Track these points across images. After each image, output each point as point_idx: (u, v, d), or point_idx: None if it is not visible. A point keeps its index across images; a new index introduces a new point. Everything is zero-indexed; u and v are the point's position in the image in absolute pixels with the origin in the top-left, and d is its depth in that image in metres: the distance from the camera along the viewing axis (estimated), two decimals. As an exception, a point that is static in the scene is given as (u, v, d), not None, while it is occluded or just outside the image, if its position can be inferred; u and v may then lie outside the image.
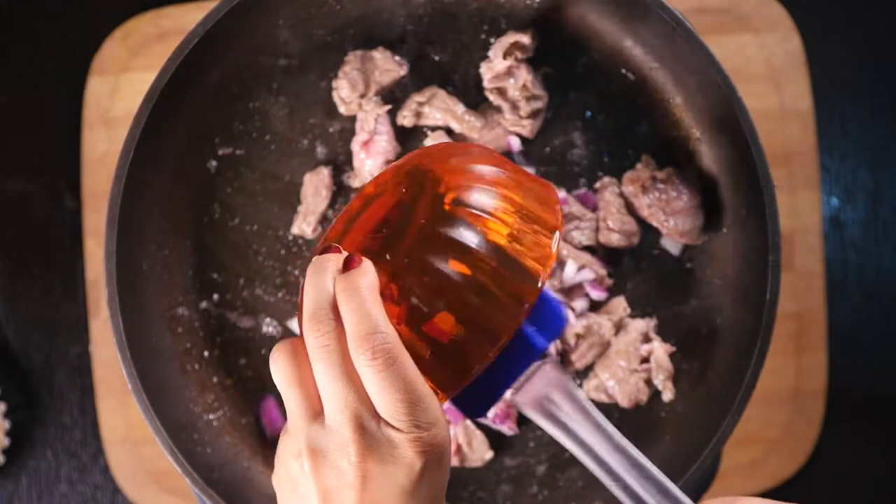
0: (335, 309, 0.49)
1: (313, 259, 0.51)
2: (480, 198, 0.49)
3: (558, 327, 0.53)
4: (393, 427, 0.47)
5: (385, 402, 0.47)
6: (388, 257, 0.49)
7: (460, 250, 0.48)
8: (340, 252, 0.51)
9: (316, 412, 0.48)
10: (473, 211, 0.48)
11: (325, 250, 0.51)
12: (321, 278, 0.49)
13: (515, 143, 0.76)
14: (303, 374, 0.49)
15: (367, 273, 0.49)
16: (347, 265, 0.50)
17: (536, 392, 0.53)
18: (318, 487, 0.48)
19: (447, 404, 0.54)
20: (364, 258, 0.49)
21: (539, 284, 0.48)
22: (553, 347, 0.75)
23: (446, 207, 0.48)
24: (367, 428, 0.47)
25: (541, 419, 0.53)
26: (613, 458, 0.51)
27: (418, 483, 0.47)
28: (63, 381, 0.85)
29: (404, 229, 0.49)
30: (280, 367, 0.50)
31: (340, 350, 0.48)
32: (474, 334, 0.48)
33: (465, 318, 0.48)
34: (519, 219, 0.48)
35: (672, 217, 0.74)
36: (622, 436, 0.51)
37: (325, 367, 0.48)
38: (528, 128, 0.75)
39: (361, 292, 0.48)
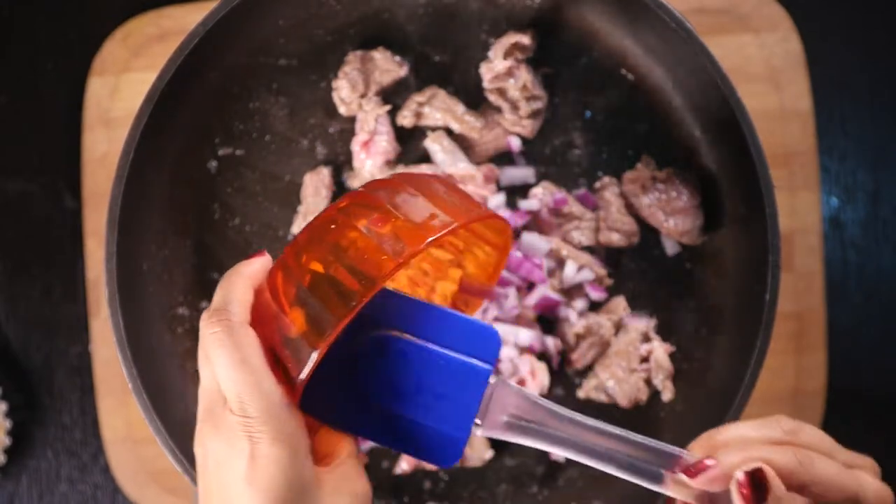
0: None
1: None
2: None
3: (494, 349, 0.53)
4: (230, 410, 0.47)
5: (221, 379, 0.48)
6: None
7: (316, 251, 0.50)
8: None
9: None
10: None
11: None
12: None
13: (515, 143, 0.76)
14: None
15: (253, 263, 0.52)
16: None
17: (497, 415, 0.52)
18: (201, 474, 0.49)
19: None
20: (264, 252, 0.52)
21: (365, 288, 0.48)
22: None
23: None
24: (215, 410, 0.48)
25: (513, 436, 0.52)
26: (590, 438, 0.51)
27: (252, 471, 0.46)
28: (63, 381, 0.85)
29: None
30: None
31: (203, 335, 0.49)
32: (311, 333, 0.48)
33: (305, 314, 0.49)
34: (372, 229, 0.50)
35: (672, 217, 0.74)
36: (584, 416, 0.51)
37: (199, 353, 0.50)
38: (528, 128, 0.75)
39: (232, 276, 0.51)
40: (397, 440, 0.54)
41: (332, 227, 0.51)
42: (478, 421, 0.53)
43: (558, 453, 0.53)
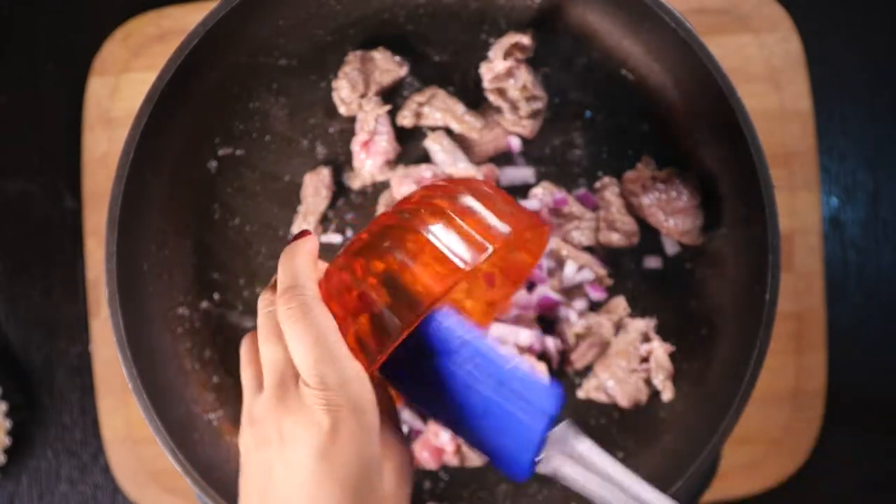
0: (272, 286, 0.52)
1: None
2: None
3: (552, 396, 0.55)
4: (305, 384, 0.47)
5: (297, 352, 0.48)
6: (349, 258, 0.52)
7: (383, 252, 0.51)
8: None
9: (261, 385, 0.50)
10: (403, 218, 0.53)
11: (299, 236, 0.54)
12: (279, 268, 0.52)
13: (515, 144, 0.76)
14: (255, 354, 0.51)
15: (309, 241, 0.52)
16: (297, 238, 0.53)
17: (557, 459, 0.53)
18: (254, 457, 0.48)
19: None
20: (311, 232, 0.53)
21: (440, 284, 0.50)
22: (554, 350, 0.75)
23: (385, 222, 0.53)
24: (287, 386, 0.48)
25: (569, 481, 0.53)
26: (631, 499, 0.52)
27: (330, 445, 0.47)
28: (63, 381, 0.85)
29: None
30: (241, 352, 0.52)
31: (273, 317, 0.50)
32: (397, 306, 0.50)
33: (389, 293, 0.50)
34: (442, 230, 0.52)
35: (672, 217, 0.74)
36: (634, 477, 0.52)
37: (263, 330, 0.50)
38: (528, 128, 0.75)
39: (294, 255, 0.51)
40: (470, 434, 0.55)
41: (406, 217, 0.52)
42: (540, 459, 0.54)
43: (596, 496, 0.54)
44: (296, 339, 0.48)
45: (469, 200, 0.54)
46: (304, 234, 0.53)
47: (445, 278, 0.49)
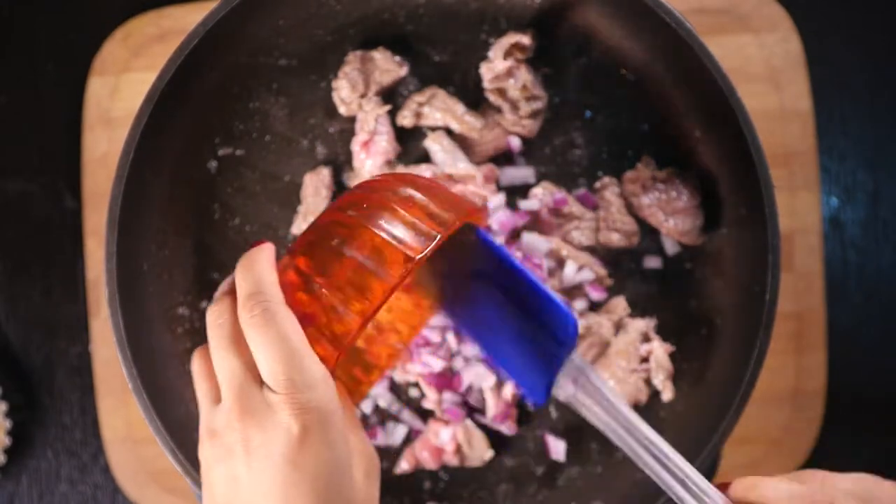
0: (228, 291, 0.51)
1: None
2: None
3: (571, 325, 0.58)
4: (271, 389, 0.47)
5: (264, 360, 0.47)
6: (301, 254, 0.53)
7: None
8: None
9: (218, 397, 0.49)
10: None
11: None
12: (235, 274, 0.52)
13: (515, 143, 0.76)
14: (208, 367, 0.51)
15: (265, 249, 0.52)
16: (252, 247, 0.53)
17: (570, 384, 0.57)
18: (218, 470, 0.48)
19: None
20: (266, 241, 0.53)
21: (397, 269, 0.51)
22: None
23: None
24: (249, 393, 0.47)
25: (579, 407, 0.58)
26: (630, 432, 0.55)
27: (300, 450, 0.46)
28: (63, 381, 0.85)
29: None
30: (193, 368, 0.51)
31: (229, 322, 0.49)
32: (352, 299, 0.50)
33: (343, 290, 0.50)
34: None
35: (672, 217, 0.74)
36: (637, 416, 0.56)
37: (216, 342, 0.49)
38: (528, 128, 0.75)
39: (254, 261, 0.51)
40: (496, 351, 0.59)
41: (351, 214, 0.52)
42: (556, 385, 0.58)
43: (598, 426, 0.58)
44: (263, 344, 0.47)
45: (410, 191, 0.54)
46: (259, 242, 0.53)
47: (397, 267, 0.49)
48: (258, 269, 0.50)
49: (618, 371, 0.74)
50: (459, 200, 0.56)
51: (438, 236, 0.51)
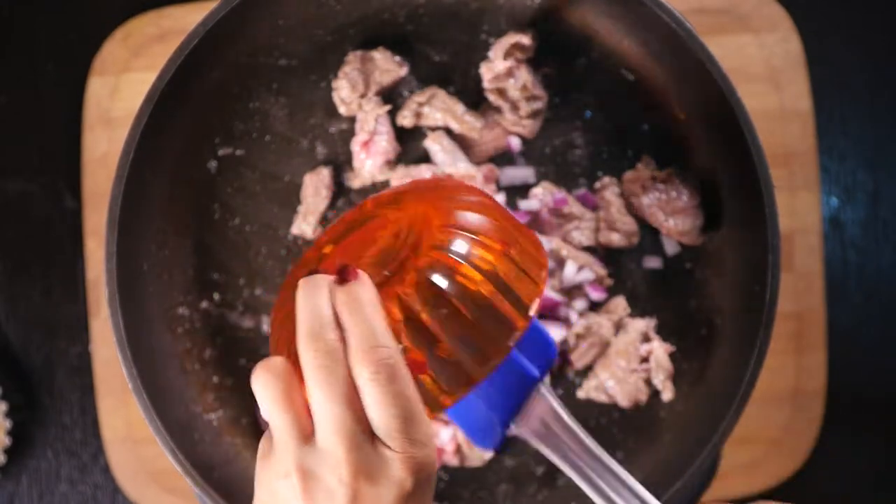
0: (333, 328, 0.48)
1: (302, 280, 0.49)
2: (463, 245, 0.51)
3: (549, 358, 0.56)
4: (387, 446, 0.46)
5: (383, 418, 0.46)
6: (381, 282, 0.50)
7: (447, 292, 0.49)
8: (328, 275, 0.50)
9: (306, 434, 0.47)
10: (456, 259, 0.50)
11: (313, 272, 0.50)
12: (316, 296, 0.48)
13: (515, 144, 0.76)
14: (292, 394, 0.48)
15: (368, 285, 0.49)
16: (344, 277, 0.49)
17: (534, 419, 0.55)
18: None
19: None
20: (361, 270, 0.49)
21: (524, 320, 0.50)
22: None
23: (438, 255, 0.50)
24: (362, 447, 0.46)
25: (540, 445, 0.55)
26: (599, 475, 0.54)
27: (411, 495, 0.46)
28: (63, 381, 0.85)
29: (398, 262, 0.50)
30: (266, 388, 0.48)
31: (339, 370, 0.47)
32: (465, 357, 0.49)
33: (457, 344, 0.49)
34: (504, 262, 0.51)
35: (672, 217, 0.74)
36: (606, 454, 0.55)
37: (323, 388, 0.47)
38: (528, 128, 0.75)
39: (364, 304, 0.48)
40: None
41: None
42: (515, 422, 0.56)
43: (565, 470, 0.56)
44: (381, 402, 0.46)
45: (519, 237, 0.53)
46: (350, 272, 0.50)
47: (506, 335, 0.49)
48: (372, 317, 0.48)
49: (618, 371, 0.74)
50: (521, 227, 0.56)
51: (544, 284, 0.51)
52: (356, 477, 0.46)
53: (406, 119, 0.75)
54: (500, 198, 0.75)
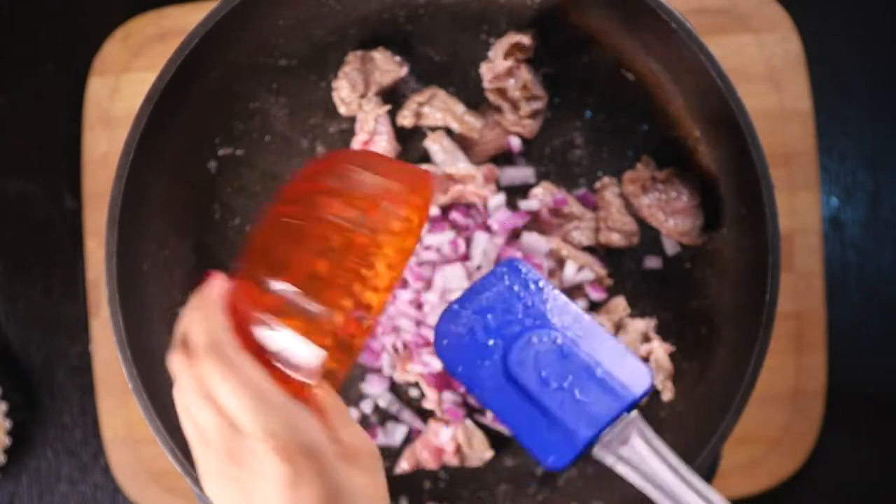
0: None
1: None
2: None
3: (644, 385, 0.58)
4: (252, 438, 0.46)
5: (236, 411, 0.46)
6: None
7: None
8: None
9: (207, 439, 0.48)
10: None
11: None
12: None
13: (515, 143, 0.76)
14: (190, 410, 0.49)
15: (215, 286, 0.50)
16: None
17: (616, 445, 0.57)
18: (231, 489, 0.47)
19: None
20: (215, 272, 0.50)
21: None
22: None
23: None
24: (236, 449, 0.46)
25: (627, 470, 0.56)
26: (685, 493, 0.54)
27: (295, 489, 0.45)
28: (63, 381, 0.85)
29: None
30: (178, 410, 0.49)
31: (194, 376, 0.47)
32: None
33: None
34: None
35: (672, 217, 0.74)
36: (705, 483, 0.55)
37: (185, 397, 0.47)
38: (528, 128, 0.75)
39: (202, 308, 0.49)
40: (515, 420, 0.57)
41: (299, 223, 0.50)
42: (601, 442, 0.57)
43: (645, 490, 0.56)
44: (229, 398, 0.46)
45: (359, 174, 0.51)
46: (208, 274, 0.51)
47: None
48: (207, 315, 0.48)
49: (618, 371, 0.74)
50: (403, 167, 0.54)
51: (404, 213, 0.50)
52: (236, 475, 0.46)
53: (406, 119, 0.75)
54: (500, 198, 0.75)
